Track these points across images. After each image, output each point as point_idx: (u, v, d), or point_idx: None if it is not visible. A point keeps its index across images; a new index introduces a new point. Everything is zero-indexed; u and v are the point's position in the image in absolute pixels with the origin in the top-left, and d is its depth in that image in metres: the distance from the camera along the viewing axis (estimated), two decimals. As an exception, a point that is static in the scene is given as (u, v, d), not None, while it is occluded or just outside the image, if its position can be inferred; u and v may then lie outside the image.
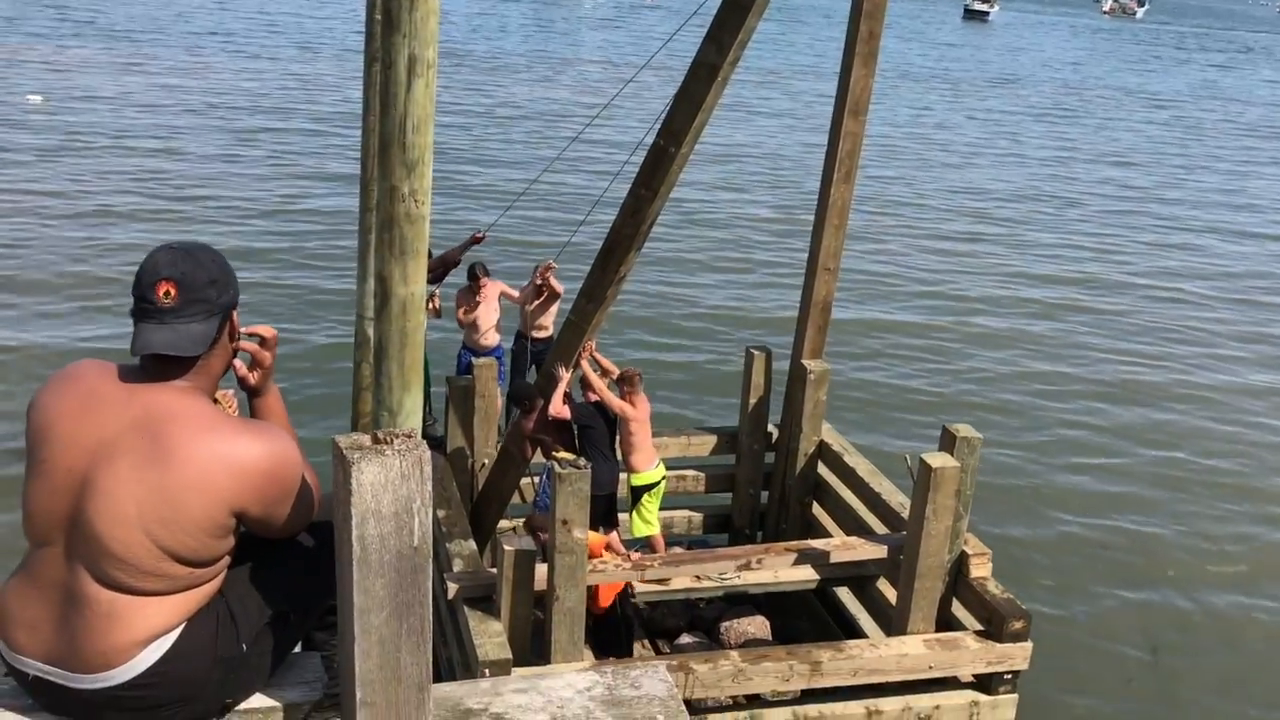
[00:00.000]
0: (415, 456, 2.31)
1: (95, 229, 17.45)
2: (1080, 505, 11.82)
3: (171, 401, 2.65)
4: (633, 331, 15.51)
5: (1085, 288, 19.02)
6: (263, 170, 22.18)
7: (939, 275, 19.10)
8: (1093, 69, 59.49)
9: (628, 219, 7.05)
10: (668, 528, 9.21)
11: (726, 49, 6.24)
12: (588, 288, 7.49)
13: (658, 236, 19.83)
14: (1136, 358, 15.91)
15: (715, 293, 17.40)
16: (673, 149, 6.62)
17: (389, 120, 4.47)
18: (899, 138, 31.90)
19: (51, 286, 15.05)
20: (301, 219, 19.27)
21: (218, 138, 24.55)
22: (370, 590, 2.35)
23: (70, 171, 20.86)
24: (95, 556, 2.57)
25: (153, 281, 2.69)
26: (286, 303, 15.33)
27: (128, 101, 27.92)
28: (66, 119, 25.14)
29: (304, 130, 26.51)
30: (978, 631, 7.07)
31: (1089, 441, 13.28)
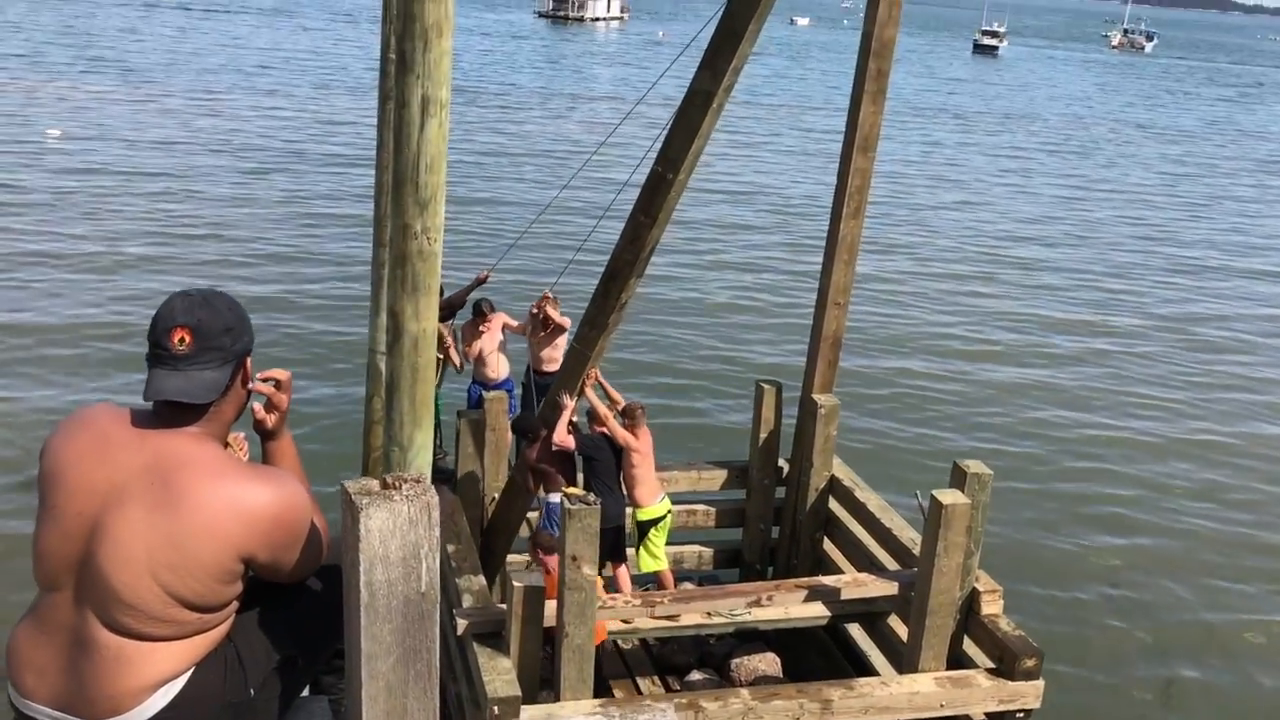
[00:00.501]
0: (423, 502, 2.31)
1: (109, 271, 17.51)
2: (1092, 542, 11.74)
3: (182, 447, 2.67)
4: (642, 364, 15.54)
5: (1098, 326, 18.94)
6: (277, 209, 22.32)
7: (950, 311, 19.09)
8: (1103, 104, 59.67)
9: (628, 246, 7.08)
10: (678, 563, 9.19)
11: (721, 75, 6.30)
12: (590, 315, 7.52)
13: (668, 270, 20.03)
14: (1150, 399, 15.81)
15: (725, 327, 17.42)
16: (670, 175, 6.66)
17: (402, 159, 4.52)
18: (910, 173, 31.99)
19: (65, 330, 15.07)
20: (314, 260, 19.34)
21: (232, 176, 24.74)
22: (378, 636, 2.35)
23: (85, 209, 21.03)
24: (104, 602, 2.58)
25: (168, 328, 2.71)
26: (299, 343, 15.40)
27: (143, 137, 28.20)
28: (84, 155, 25.40)
29: (319, 168, 26.72)
30: (989, 669, 7.01)
31: (1101, 479, 13.20)
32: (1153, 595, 10.87)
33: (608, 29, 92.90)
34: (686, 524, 9.18)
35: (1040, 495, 12.63)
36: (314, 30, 64.34)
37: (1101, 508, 12.48)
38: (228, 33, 58.06)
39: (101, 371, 13.45)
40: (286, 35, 59.41)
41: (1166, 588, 11.03)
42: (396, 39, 4.50)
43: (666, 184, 6.70)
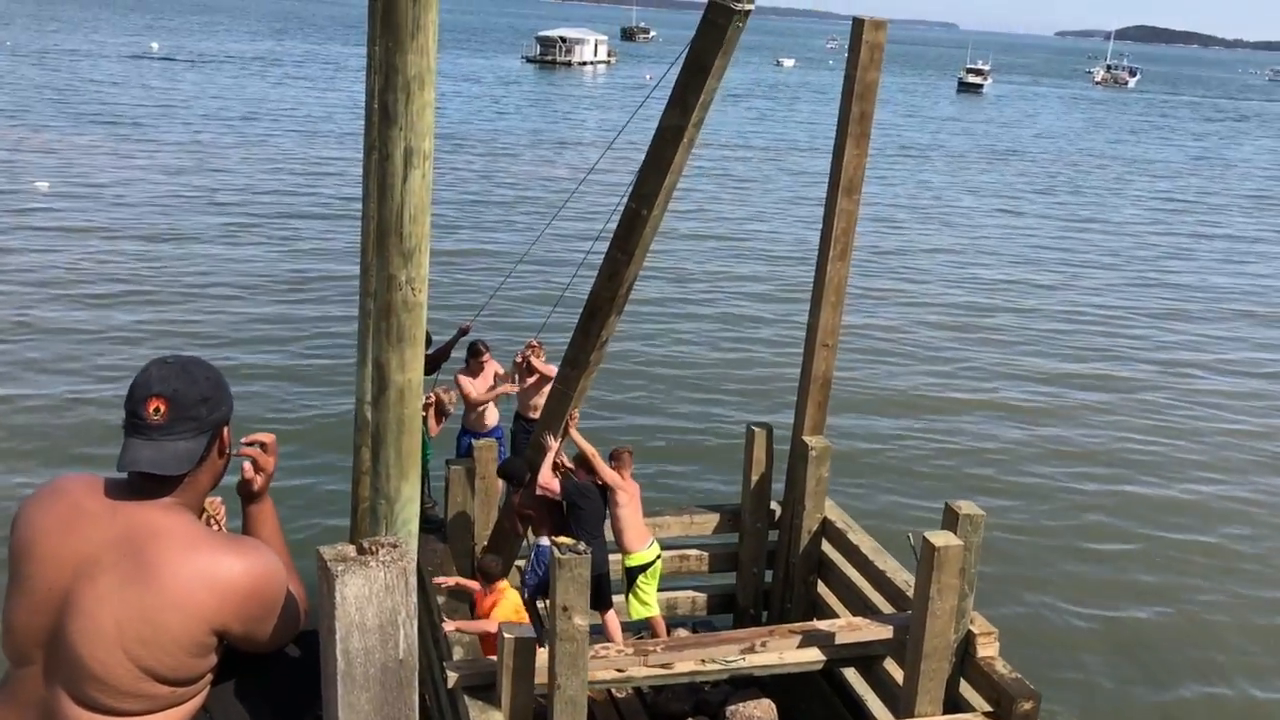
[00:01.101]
0: (400, 567, 2.27)
1: (93, 336, 17.32)
2: (1087, 582, 11.69)
3: (155, 519, 2.63)
4: (633, 406, 15.51)
5: (1090, 369, 18.89)
6: (265, 264, 22.23)
7: (941, 351, 19.11)
8: (1090, 140, 60.18)
9: (606, 283, 7.10)
10: (671, 609, 9.11)
11: (690, 110, 6.35)
12: (571, 355, 7.52)
13: (659, 312, 20.05)
14: (1143, 443, 15.76)
15: (716, 369, 17.42)
16: (645, 211, 6.70)
17: (386, 209, 4.53)
18: (900, 215, 32.14)
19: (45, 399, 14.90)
20: (302, 318, 19.28)
21: (220, 230, 24.68)
22: (355, 705, 2.31)
23: (72, 263, 20.98)
24: (74, 677, 2.53)
25: (144, 397, 2.68)
26: (286, 395, 15.34)
27: (132, 190, 28.25)
28: (72, 210, 25.41)
29: (307, 219, 26.71)
30: (986, 713, 6.95)
31: (1094, 517, 13.17)
32: (1154, 632, 10.81)
33: (595, 73, 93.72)
34: (679, 569, 9.11)
35: (1035, 534, 12.59)
36: (301, 80, 64.79)
37: (1096, 547, 12.43)
38: (215, 83, 58.43)
39: (81, 441, 13.28)
40: (273, 86, 59.77)
41: (1162, 624, 10.98)
42: (379, 91, 4.54)
43: (641, 220, 6.73)
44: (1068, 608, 11.12)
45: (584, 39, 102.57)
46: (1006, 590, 11.03)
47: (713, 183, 35.72)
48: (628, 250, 6.88)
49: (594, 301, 7.22)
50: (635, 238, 6.81)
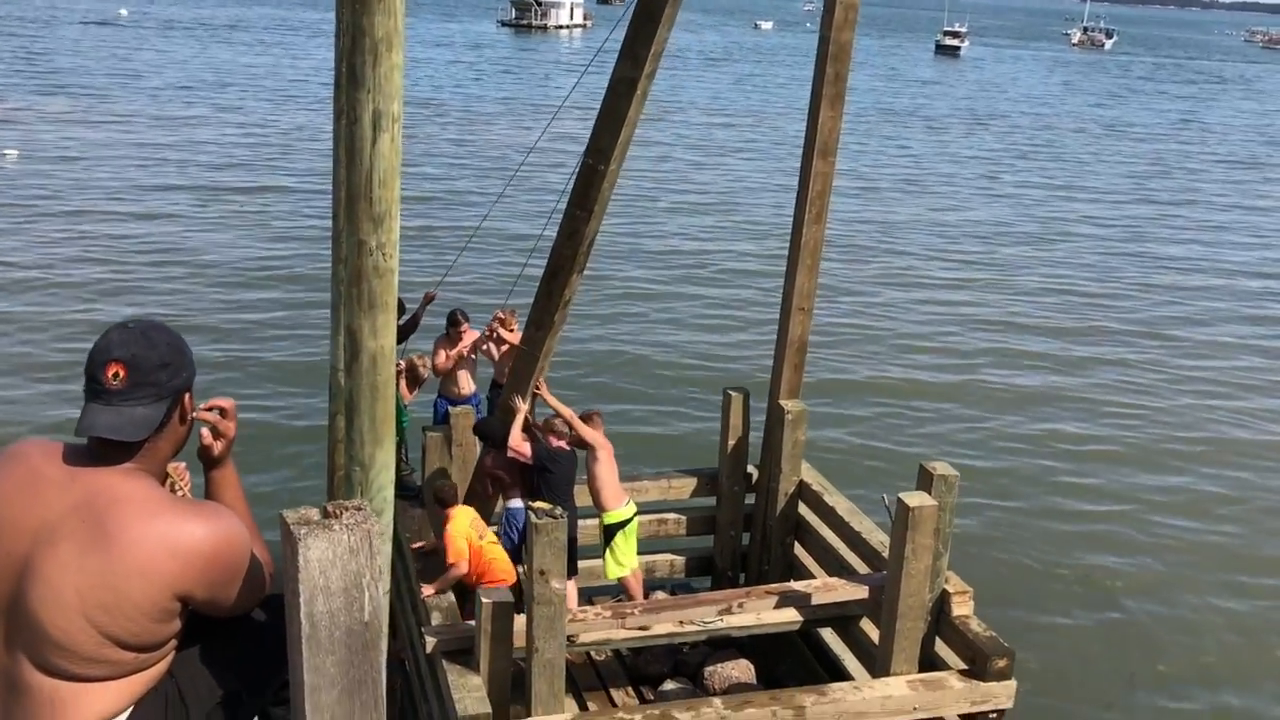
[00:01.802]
0: (363, 531, 2.26)
1: (57, 296, 17.24)
2: (1061, 540, 11.82)
3: (115, 484, 2.60)
4: (609, 373, 15.50)
5: (1069, 330, 18.98)
6: (236, 231, 22.06)
7: (919, 317, 19.15)
8: (1068, 103, 60.12)
9: (566, 241, 7.07)
10: (650, 572, 9.15)
11: (642, 62, 6.31)
12: (535, 316, 7.49)
13: (632, 277, 20.00)
14: (1120, 401, 15.88)
15: (692, 334, 17.41)
16: (601, 166, 6.66)
17: (355, 175, 4.48)
18: (878, 178, 32.09)
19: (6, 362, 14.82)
20: (275, 282, 19.15)
21: (191, 197, 24.47)
22: (321, 668, 2.30)
23: (40, 233, 20.74)
24: (35, 644, 2.51)
25: (103, 361, 2.65)
26: (260, 365, 15.25)
27: (101, 158, 27.90)
28: (40, 177, 25.09)
29: (278, 185, 26.47)
30: (961, 671, 7.01)
31: (1071, 481, 13.28)
32: (1120, 589, 10.96)
33: (571, 37, 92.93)
34: (657, 533, 9.14)
35: (1008, 495, 12.70)
36: (275, 46, 63.95)
37: (1070, 506, 12.56)
38: (185, 50, 57.62)
39: (41, 405, 13.19)
40: (243, 53, 58.98)
41: (1131, 580, 11.12)
42: (347, 54, 4.47)
43: (599, 175, 6.69)
44: (1042, 568, 11.24)
45: (559, 2, 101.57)
46: (982, 550, 11.14)
47: (691, 148, 35.56)
48: (586, 207, 6.85)
49: (555, 261, 7.19)
50: (593, 194, 6.77)
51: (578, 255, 7.05)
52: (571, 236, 7.00)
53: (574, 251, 7.03)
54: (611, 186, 6.83)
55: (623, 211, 25.49)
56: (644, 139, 35.74)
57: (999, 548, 11.47)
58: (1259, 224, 29.73)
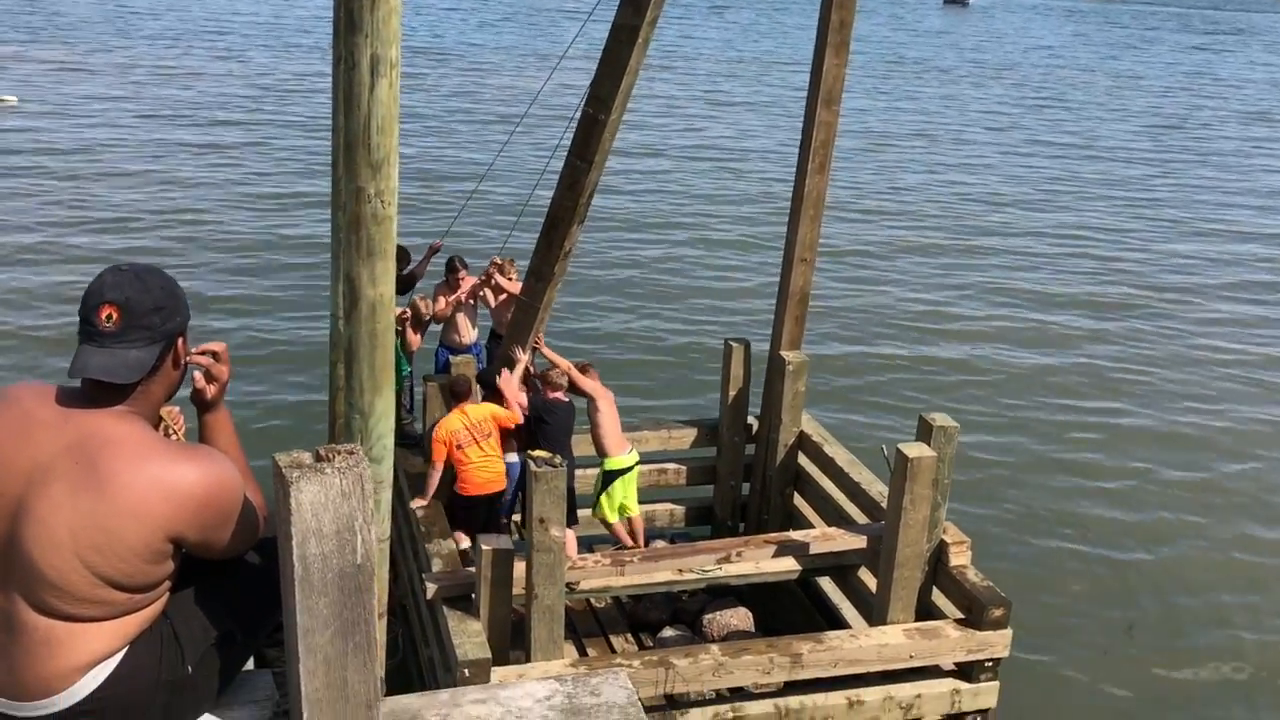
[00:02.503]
0: (356, 474, 2.27)
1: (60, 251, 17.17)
2: (1062, 494, 11.85)
3: (108, 426, 2.61)
4: (613, 321, 15.50)
5: (1075, 287, 18.79)
6: (234, 181, 21.92)
7: (923, 269, 19.04)
8: (1080, 55, 59.22)
9: (566, 192, 7.03)
10: (650, 521, 9.20)
11: (644, 9, 6.24)
12: (535, 266, 7.47)
13: (635, 228, 19.91)
14: (1127, 356, 15.79)
15: (694, 285, 17.37)
16: (602, 116, 6.61)
17: (353, 121, 4.45)
18: (883, 130, 31.78)
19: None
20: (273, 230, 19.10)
21: (190, 144, 24.29)
22: (313, 610, 2.32)
23: (36, 180, 20.64)
24: (30, 584, 2.53)
25: (96, 304, 2.65)
26: (263, 311, 15.26)
27: (100, 105, 27.69)
28: (40, 125, 24.93)
29: (278, 134, 26.27)
30: (958, 620, 7.07)
31: (1073, 435, 13.26)
32: (1115, 540, 11.01)
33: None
34: (657, 482, 9.19)
35: (1009, 448, 12.72)
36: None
37: (1071, 460, 12.57)
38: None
39: (35, 350, 13.25)
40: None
41: (1128, 532, 11.17)
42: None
43: (599, 125, 6.64)
44: (1041, 520, 11.29)
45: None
46: (981, 502, 11.18)
47: (695, 99, 35.24)
48: (587, 157, 6.80)
49: (555, 211, 7.16)
50: (594, 144, 6.73)
51: (578, 206, 7.02)
52: (572, 187, 6.97)
53: (574, 202, 7.00)
54: (613, 136, 6.78)
55: (625, 162, 25.36)
56: (648, 90, 35.42)
57: (998, 499, 11.52)
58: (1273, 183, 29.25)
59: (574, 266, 17.08)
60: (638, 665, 6.59)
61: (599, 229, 19.73)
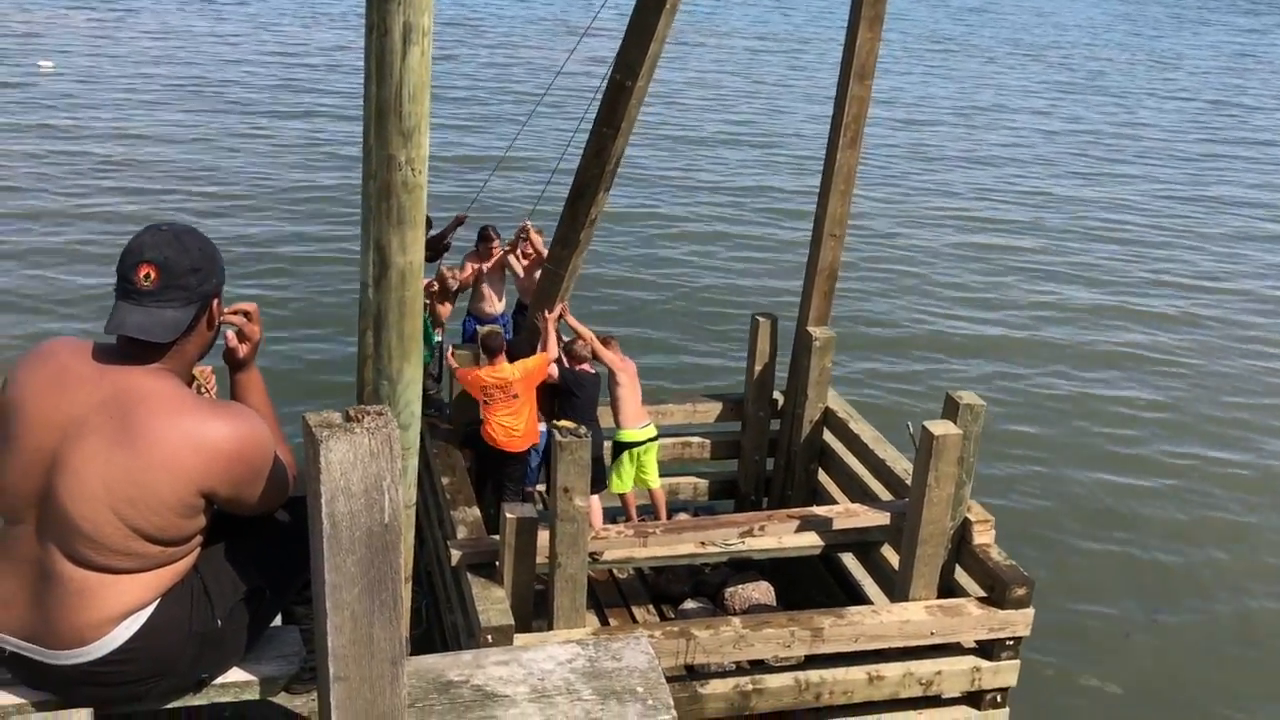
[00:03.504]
0: (385, 435, 2.30)
1: (98, 211, 17.37)
2: (1089, 477, 11.76)
3: (142, 382, 2.66)
4: (639, 295, 15.50)
5: (1110, 270, 18.51)
6: (270, 147, 22.01)
7: (954, 249, 18.84)
8: (1123, 33, 58.10)
9: (593, 159, 7.01)
10: (673, 494, 9.25)
11: None
12: (561, 234, 7.46)
13: (664, 201, 19.86)
14: (1162, 343, 15.57)
15: (722, 259, 17.32)
16: (629, 83, 6.57)
17: (385, 88, 4.47)
18: (915, 105, 31.43)
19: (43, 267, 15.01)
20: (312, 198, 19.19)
21: (222, 110, 24.33)
22: (341, 567, 2.36)
23: (78, 143, 20.81)
24: (65, 535, 2.59)
25: (135, 262, 2.69)
26: (296, 273, 15.36)
27: (132, 72, 27.79)
28: (77, 88, 25.10)
29: (308, 100, 26.32)
30: (980, 598, 7.07)
31: (1101, 416, 13.14)
32: (1145, 528, 10.94)
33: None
34: (681, 456, 9.22)
35: (1038, 429, 12.64)
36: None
37: (1101, 445, 12.45)
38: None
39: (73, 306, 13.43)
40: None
41: (1160, 522, 11.09)
42: (377, -36, 4.42)
43: (626, 92, 6.61)
44: (1068, 501, 11.24)
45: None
46: (1007, 480, 11.15)
47: (729, 73, 34.99)
48: (613, 124, 6.77)
49: (581, 179, 7.14)
50: (620, 111, 6.69)
51: (604, 174, 7.00)
52: (598, 154, 6.95)
53: (600, 170, 6.98)
54: (640, 103, 6.75)
55: (655, 136, 25.25)
56: (679, 65, 35.22)
57: (1025, 480, 11.47)
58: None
59: (602, 240, 17.20)
60: (659, 635, 6.63)
61: (628, 202, 19.72)
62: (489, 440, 7.95)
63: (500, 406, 7.84)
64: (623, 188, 20.44)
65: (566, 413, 7.77)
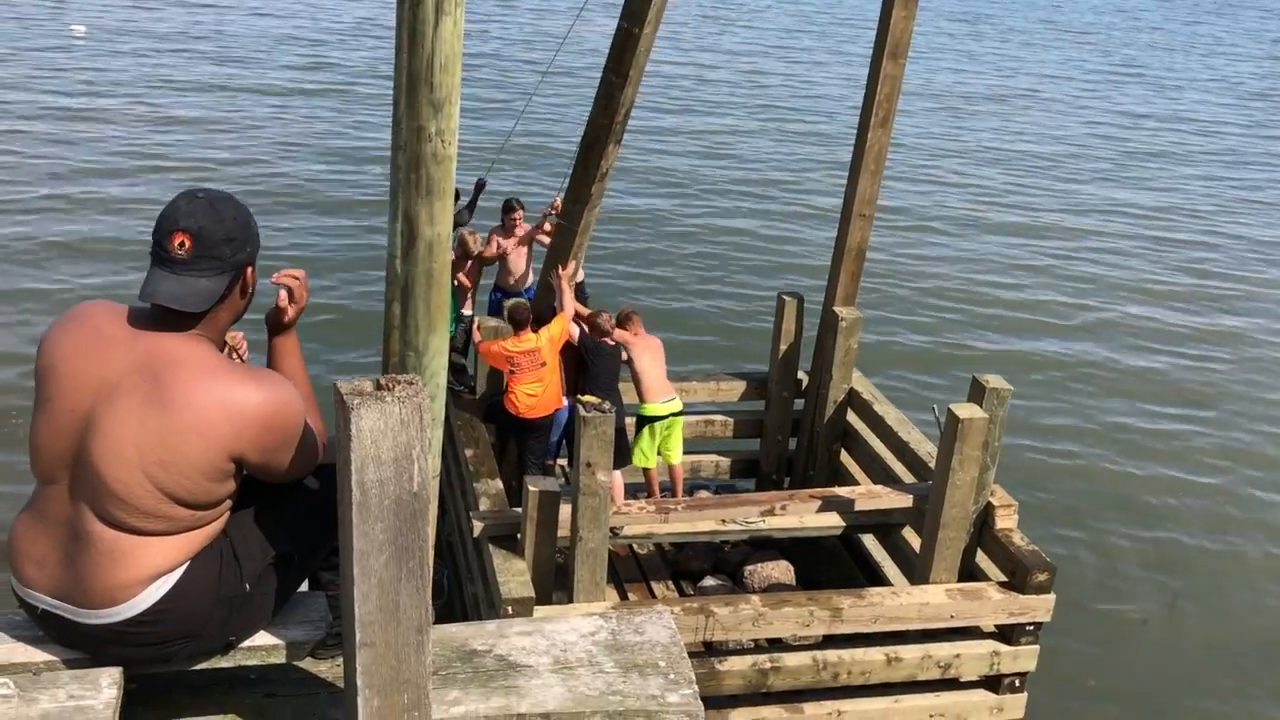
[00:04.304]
0: (415, 403, 2.31)
1: (128, 172, 17.50)
2: (1115, 465, 11.69)
3: (175, 347, 2.68)
4: (664, 271, 15.48)
5: (1142, 258, 18.28)
6: (304, 117, 22.06)
7: (984, 232, 18.70)
8: (1163, 14, 57.13)
9: (602, 110, 6.96)
10: (695, 471, 9.26)
11: None
12: (572, 189, 7.44)
13: (692, 178, 19.78)
14: (1193, 331, 15.43)
15: (749, 238, 17.26)
16: (636, 30, 6.53)
17: (416, 59, 4.45)
18: (949, 87, 31.09)
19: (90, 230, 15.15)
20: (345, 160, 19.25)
21: (253, 83, 24.36)
22: (370, 534, 2.38)
23: (110, 110, 20.91)
24: (98, 496, 2.62)
25: (170, 229, 2.70)
26: (326, 245, 15.43)
27: (165, 34, 27.87)
28: (108, 54, 25.19)
29: (339, 74, 26.31)
30: (1001, 583, 7.06)
31: (1129, 405, 13.04)
32: (1169, 520, 10.87)
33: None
34: (704, 434, 9.23)
35: (1064, 415, 12.57)
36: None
37: (1127, 436, 12.36)
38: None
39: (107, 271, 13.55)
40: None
41: (1184, 514, 11.02)
42: (409, -66, 4.40)
43: (633, 39, 6.56)
44: (1093, 488, 11.17)
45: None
46: (1031, 465, 11.08)
47: (760, 50, 34.75)
48: (621, 73, 6.72)
49: (591, 131, 7.10)
50: (628, 59, 6.64)
51: (614, 125, 6.93)
52: (607, 105, 6.89)
53: (610, 121, 6.92)
54: (647, 52, 6.68)
55: (684, 114, 25.14)
56: (712, 43, 34.99)
57: (1048, 463, 11.41)
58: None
59: (630, 214, 17.19)
60: (678, 611, 6.65)
61: (656, 181, 19.66)
62: (511, 409, 8.00)
63: (528, 375, 7.90)
64: (649, 167, 20.42)
65: (584, 382, 7.82)
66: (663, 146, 21.99)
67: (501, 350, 7.93)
